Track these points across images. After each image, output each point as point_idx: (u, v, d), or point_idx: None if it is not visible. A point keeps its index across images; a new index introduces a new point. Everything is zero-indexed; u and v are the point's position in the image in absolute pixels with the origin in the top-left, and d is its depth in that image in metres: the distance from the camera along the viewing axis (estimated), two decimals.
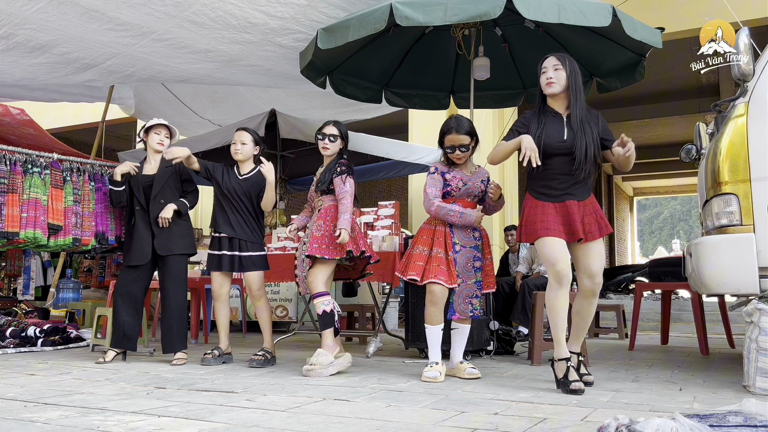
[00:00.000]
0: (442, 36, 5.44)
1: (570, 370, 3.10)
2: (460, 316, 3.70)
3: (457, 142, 3.65)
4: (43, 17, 4.57)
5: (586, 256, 3.27)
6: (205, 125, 8.11)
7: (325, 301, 3.87)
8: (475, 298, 3.70)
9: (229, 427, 2.29)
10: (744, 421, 1.82)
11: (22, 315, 6.37)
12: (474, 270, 3.71)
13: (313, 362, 3.68)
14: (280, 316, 7.10)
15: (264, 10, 4.69)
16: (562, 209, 3.28)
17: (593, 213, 3.29)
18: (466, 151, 3.68)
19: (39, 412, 2.56)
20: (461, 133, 3.64)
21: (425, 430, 2.24)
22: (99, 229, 4.95)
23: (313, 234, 3.95)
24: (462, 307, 3.69)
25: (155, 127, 4.46)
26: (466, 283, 3.69)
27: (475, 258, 3.71)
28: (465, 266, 3.69)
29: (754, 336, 3.01)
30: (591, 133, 3.26)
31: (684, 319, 8.39)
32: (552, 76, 3.30)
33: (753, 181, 3.25)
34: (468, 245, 3.70)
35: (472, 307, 3.70)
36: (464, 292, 3.69)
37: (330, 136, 4.07)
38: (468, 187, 3.68)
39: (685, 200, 38.85)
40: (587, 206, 3.30)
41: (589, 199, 3.32)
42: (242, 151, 4.32)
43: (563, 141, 3.26)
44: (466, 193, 3.68)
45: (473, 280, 3.70)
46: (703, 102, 12.38)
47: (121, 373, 3.76)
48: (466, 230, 3.71)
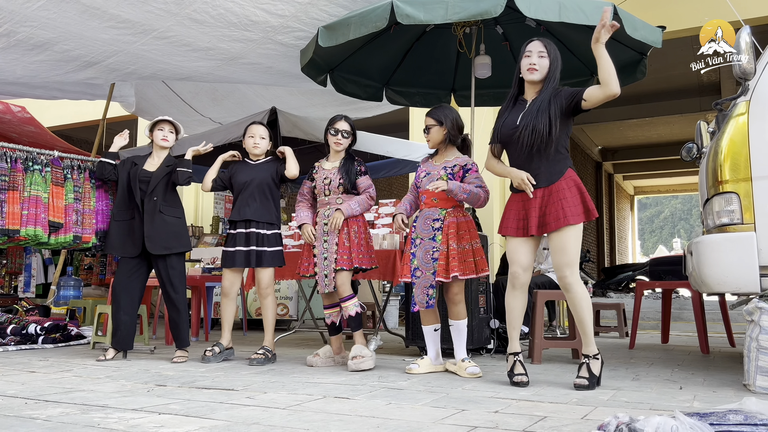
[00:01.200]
0: (443, 34, 5.44)
1: (516, 363, 3.29)
2: (419, 307, 3.76)
3: (425, 123, 3.89)
4: (44, 15, 4.57)
5: (551, 250, 3.22)
6: (205, 123, 8.10)
7: (355, 303, 4.04)
8: (431, 288, 3.74)
9: (229, 424, 2.30)
10: (744, 420, 1.82)
11: (23, 312, 6.38)
12: (432, 261, 3.74)
13: (358, 354, 3.84)
14: (281, 314, 7.10)
15: (265, 8, 4.69)
16: (524, 200, 3.28)
17: (559, 201, 3.15)
18: (428, 133, 3.87)
19: (40, 410, 2.56)
20: (429, 116, 3.87)
21: (425, 428, 2.24)
22: (100, 226, 4.95)
23: (352, 241, 4.02)
24: (420, 297, 3.75)
25: (159, 123, 4.47)
26: (425, 275, 3.75)
27: (434, 249, 3.74)
28: (423, 258, 3.77)
29: (754, 335, 3.01)
30: (547, 111, 3.17)
31: (684, 317, 8.40)
32: (536, 62, 3.27)
33: (754, 180, 3.24)
34: (426, 237, 3.78)
35: (428, 297, 3.74)
36: (422, 284, 3.75)
37: (343, 131, 4.12)
38: (430, 176, 3.84)
39: (685, 199, 38.84)
40: (553, 193, 3.19)
41: (556, 185, 3.19)
42: (261, 145, 4.39)
43: (515, 127, 3.28)
44: (429, 182, 3.82)
45: (431, 270, 3.74)
46: (704, 101, 12.37)
47: (122, 371, 3.76)
48: (425, 223, 3.80)
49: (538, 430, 2.20)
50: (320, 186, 4.15)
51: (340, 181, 4.07)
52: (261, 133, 4.40)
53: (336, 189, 4.09)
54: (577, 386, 3.12)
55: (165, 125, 4.46)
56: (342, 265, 3.98)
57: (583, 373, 3.17)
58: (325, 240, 4.05)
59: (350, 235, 4.04)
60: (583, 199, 3.19)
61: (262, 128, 4.44)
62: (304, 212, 4.25)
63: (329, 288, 4.02)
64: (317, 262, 4.09)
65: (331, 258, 4.01)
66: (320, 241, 4.08)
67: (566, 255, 3.15)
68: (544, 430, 2.20)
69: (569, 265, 3.15)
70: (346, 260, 3.99)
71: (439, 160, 3.89)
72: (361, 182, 4.13)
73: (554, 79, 3.28)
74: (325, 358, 4.08)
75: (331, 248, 4.02)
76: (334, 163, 4.17)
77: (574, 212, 3.14)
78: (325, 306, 4.15)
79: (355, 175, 4.11)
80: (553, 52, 3.29)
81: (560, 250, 3.17)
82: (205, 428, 2.23)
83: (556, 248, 3.18)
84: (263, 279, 4.22)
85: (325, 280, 4.03)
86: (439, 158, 3.90)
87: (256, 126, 4.44)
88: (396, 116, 8.98)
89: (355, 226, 4.08)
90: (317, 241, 4.09)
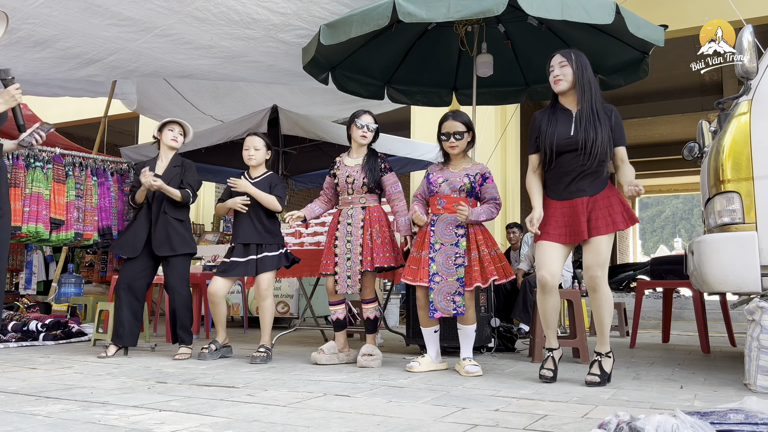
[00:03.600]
0: (445, 32, 5.43)
1: (548, 359, 3.36)
2: (442, 314, 3.70)
3: (452, 129, 3.78)
4: (46, 12, 4.57)
5: (584, 249, 3.27)
6: (207, 121, 8.10)
7: (375, 306, 4.07)
8: (458, 296, 3.68)
9: (230, 421, 2.30)
10: (745, 419, 1.82)
11: (24, 309, 6.38)
12: (456, 267, 3.69)
13: (370, 353, 3.92)
14: (281, 312, 7.10)
15: (266, 6, 4.68)
16: (569, 209, 3.29)
17: (606, 207, 3.24)
18: (461, 139, 3.77)
19: (41, 406, 2.57)
20: (457, 121, 3.78)
21: (426, 425, 2.24)
22: (103, 223, 4.95)
23: (374, 241, 3.96)
24: (443, 305, 3.69)
25: (168, 124, 4.47)
26: (446, 281, 3.69)
27: (456, 255, 3.70)
28: (444, 264, 3.71)
29: (755, 334, 3.01)
30: (601, 127, 3.22)
31: (685, 317, 8.39)
32: (558, 73, 3.32)
33: (756, 179, 3.24)
34: (448, 243, 3.72)
35: (455, 305, 3.67)
36: (444, 290, 3.69)
37: (368, 125, 4.07)
38: (450, 182, 3.77)
39: (687, 199, 38.82)
40: (598, 201, 3.26)
41: (602, 193, 3.27)
42: (255, 156, 4.30)
43: (569, 137, 3.27)
44: (449, 188, 3.76)
45: (454, 277, 3.69)
46: (706, 100, 12.35)
47: (123, 368, 3.77)
48: (447, 228, 3.74)
49: (538, 429, 2.20)
50: (343, 184, 4.08)
51: (364, 180, 4.02)
52: (255, 144, 4.31)
53: (360, 188, 4.04)
54: (588, 383, 3.18)
55: (175, 126, 4.47)
56: (366, 267, 3.94)
57: (595, 370, 3.23)
58: (349, 240, 4.00)
59: (372, 236, 3.99)
60: (626, 207, 3.30)
61: (257, 139, 4.33)
62: (313, 206, 4.22)
63: (352, 289, 3.96)
64: (339, 262, 4.02)
65: (356, 259, 3.96)
66: (343, 241, 4.01)
67: (600, 255, 3.22)
68: (545, 429, 2.20)
69: (602, 265, 3.22)
70: (370, 261, 3.95)
71: (457, 166, 3.82)
72: (386, 179, 4.06)
73: (588, 82, 3.30)
74: (329, 354, 4.06)
75: (356, 249, 3.97)
76: (357, 160, 4.09)
77: (621, 219, 3.25)
78: (331, 303, 4.12)
79: (378, 173, 4.05)
80: (574, 58, 3.33)
81: (596, 251, 3.23)
82: (206, 425, 2.23)
83: (593, 249, 3.23)
84: (262, 282, 4.17)
85: (348, 281, 3.97)
86: (455, 165, 3.84)
87: (251, 137, 4.36)
88: (397, 115, 8.97)
89: (377, 225, 4.01)
90: (339, 241, 4.02)
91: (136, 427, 2.20)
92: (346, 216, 4.05)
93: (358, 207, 4.05)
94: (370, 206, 4.06)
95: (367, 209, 4.05)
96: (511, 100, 6.27)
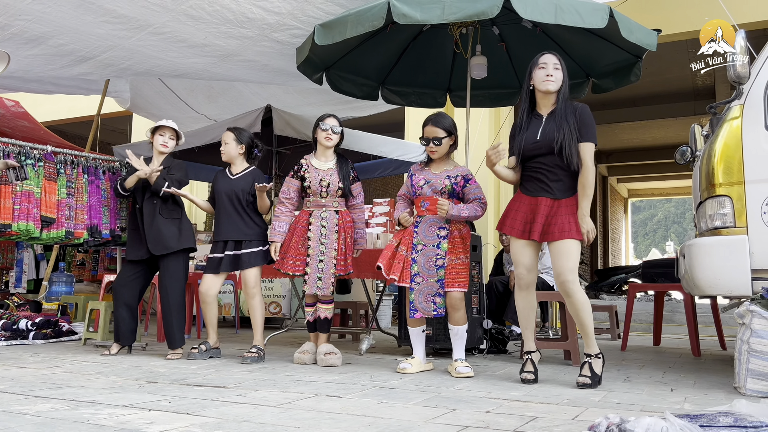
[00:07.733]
0: (440, 34, 5.43)
1: (528, 362, 3.39)
2: (422, 314, 3.73)
3: (431, 135, 3.80)
4: (39, 8, 4.54)
5: (552, 255, 3.30)
6: (200, 120, 8.08)
7: (332, 307, 4.11)
8: (438, 297, 3.71)
9: (220, 421, 2.29)
10: (734, 422, 1.82)
11: (14, 308, 6.34)
12: (436, 268, 3.71)
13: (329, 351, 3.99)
14: (273, 313, 7.09)
15: (261, 5, 4.67)
16: (534, 206, 3.35)
17: (567, 215, 3.26)
18: (439, 145, 3.78)
19: (29, 405, 2.55)
20: (437, 126, 3.79)
21: (416, 427, 2.24)
22: (92, 222, 4.93)
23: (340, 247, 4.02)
24: (424, 305, 3.72)
25: (160, 128, 4.48)
26: (427, 282, 3.72)
27: (437, 257, 3.72)
28: (426, 265, 3.73)
29: (745, 338, 3.02)
30: (568, 127, 3.27)
31: (676, 320, 8.42)
32: (552, 74, 3.34)
33: (747, 184, 3.26)
34: (430, 244, 3.74)
35: (435, 305, 3.70)
36: (425, 291, 3.72)
37: (333, 128, 4.10)
38: (431, 184, 3.78)
39: (679, 202, 38.98)
40: (562, 207, 3.29)
41: (567, 200, 3.30)
42: (224, 150, 4.39)
43: (536, 141, 3.34)
44: (431, 189, 3.78)
45: (435, 278, 3.71)
46: (699, 104, 12.41)
47: (113, 367, 3.75)
48: (430, 229, 3.75)
49: (529, 431, 2.20)
50: (316, 187, 4.08)
51: (339, 185, 4.05)
52: (225, 139, 4.39)
53: (335, 192, 4.06)
54: (580, 385, 3.19)
55: (166, 131, 4.47)
56: (340, 271, 4.02)
57: (586, 372, 3.24)
58: (323, 243, 4.03)
59: (347, 241, 4.06)
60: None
61: (226, 133, 4.41)
62: (282, 225, 4.11)
63: (321, 291, 4.00)
64: (310, 263, 4.04)
65: (329, 262, 4.00)
66: (317, 242, 4.04)
67: (569, 260, 3.24)
68: (535, 431, 2.20)
69: (572, 270, 3.24)
70: (343, 266, 4.04)
71: (438, 168, 3.84)
72: (355, 188, 4.15)
73: (566, 93, 3.38)
74: (312, 354, 4.12)
75: (329, 252, 4.01)
76: (328, 164, 4.11)
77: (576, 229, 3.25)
78: (307, 304, 4.16)
79: (350, 180, 4.11)
80: (563, 65, 3.38)
81: (564, 255, 3.24)
82: (196, 425, 2.22)
83: (560, 253, 3.25)
84: (249, 279, 4.19)
85: (318, 282, 4.00)
86: (437, 166, 3.85)
87: (224, 133, 4.44)
88: (391, 116, 8.97)
89: (350, 231, 4.09)
90: (313, 242, 4.04)
91: (125, 426, 2.19)
92: (319, 218, 4.07)
93: (332, 210, 4.08)
94: (342, 210, 4.11)
95: (341, 213, 4.09)
96: (505, 103, 6.28)
